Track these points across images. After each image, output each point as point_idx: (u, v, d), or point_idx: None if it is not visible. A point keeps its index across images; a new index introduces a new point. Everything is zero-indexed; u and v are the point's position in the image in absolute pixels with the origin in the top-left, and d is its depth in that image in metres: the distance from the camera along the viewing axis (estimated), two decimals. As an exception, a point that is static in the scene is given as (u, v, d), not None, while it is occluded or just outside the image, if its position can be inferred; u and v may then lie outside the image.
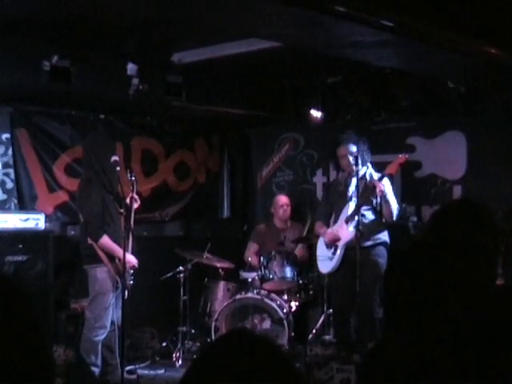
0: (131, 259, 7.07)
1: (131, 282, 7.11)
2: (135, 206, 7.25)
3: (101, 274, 7.05)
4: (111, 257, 7.04)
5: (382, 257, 7.71)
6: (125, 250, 6.76)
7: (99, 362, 7.11)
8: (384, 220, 7.83)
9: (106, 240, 7.02)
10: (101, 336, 7.07)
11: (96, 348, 7.09)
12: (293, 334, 7.93)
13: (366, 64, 7.32)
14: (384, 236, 7.85)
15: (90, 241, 7.03)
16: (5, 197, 8.42)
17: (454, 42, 5.88)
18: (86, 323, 7.19)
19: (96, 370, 7.06)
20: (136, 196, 7.28)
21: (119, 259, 6.96)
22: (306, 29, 5.12)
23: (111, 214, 7.14)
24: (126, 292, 6.95)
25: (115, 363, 7.17)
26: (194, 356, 8.46)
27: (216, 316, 8.10)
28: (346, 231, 7.78)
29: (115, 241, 7.06)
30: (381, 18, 5.03)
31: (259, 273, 8.33)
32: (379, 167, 8.56)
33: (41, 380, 1.58)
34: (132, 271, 7.15)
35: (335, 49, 5.98)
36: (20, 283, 1.66)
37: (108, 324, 7.09)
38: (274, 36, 5.74)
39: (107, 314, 7.05)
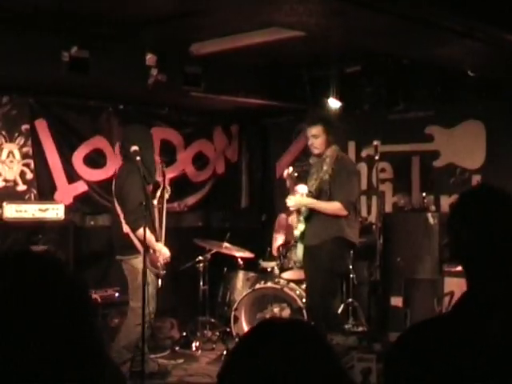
0: (166, 251, 7.02)
1: (163, 272, 7.06)
2: (166, 196, 7.26)
3: (141, 264, 6.69)
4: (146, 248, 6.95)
5: (331, 252, 7.20)
6: (159, 241, 6.89)
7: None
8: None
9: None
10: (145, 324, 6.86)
11: (139, 336, 6.86)
12: (312, 323, 7.93)
13: (384, 54, 7.31)
14: (338, 232, 7.19)
15: (125, 230, 6.89)
16: (24, 187, 8.43)
17: (472, 29, 5.86)
18: (130, 313, 7.06)
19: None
20: (168, 186, 7.30)
21: (154, 250, 6.96)
22: (328, 17, 5.11)
23: (148, 206, 6.99)
24: (160, 282, 7.02)
25: (146, 351, 7.03)
26: (214, 346, 8.51)
27: (235, 306, 8.13)
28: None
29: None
30: (402, 7, 5.02)
31: (278, 262, 8.33)
32: (396, 157, 8.54)
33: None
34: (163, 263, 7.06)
35: (357, 38, 5.97)
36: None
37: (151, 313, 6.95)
38: (296, 25, 5.72)
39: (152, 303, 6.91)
